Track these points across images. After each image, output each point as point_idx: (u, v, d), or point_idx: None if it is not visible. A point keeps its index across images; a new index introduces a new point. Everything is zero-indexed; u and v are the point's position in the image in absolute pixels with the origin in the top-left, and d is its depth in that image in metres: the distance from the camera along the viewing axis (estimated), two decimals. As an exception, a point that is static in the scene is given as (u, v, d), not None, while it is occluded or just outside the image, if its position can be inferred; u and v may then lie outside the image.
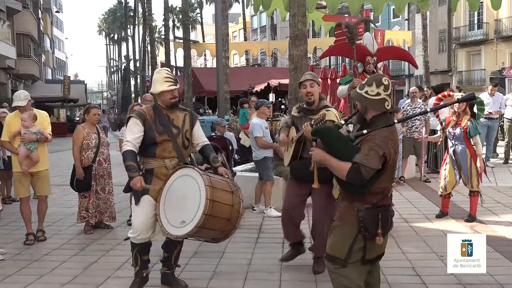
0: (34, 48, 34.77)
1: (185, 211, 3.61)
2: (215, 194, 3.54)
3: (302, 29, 8.15)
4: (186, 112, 4.06)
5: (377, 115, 3.03)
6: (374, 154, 2.89)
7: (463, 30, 32.31)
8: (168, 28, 30.50)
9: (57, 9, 58.72)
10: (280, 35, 43.79)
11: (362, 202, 3.00)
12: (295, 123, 4.47)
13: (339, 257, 3.04)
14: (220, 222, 3.62)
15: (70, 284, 4.30)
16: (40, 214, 5.84)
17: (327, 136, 3.12)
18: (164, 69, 4.13)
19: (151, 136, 3.82)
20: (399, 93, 27.10)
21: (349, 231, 3.03)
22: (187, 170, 3.76)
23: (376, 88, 3.00)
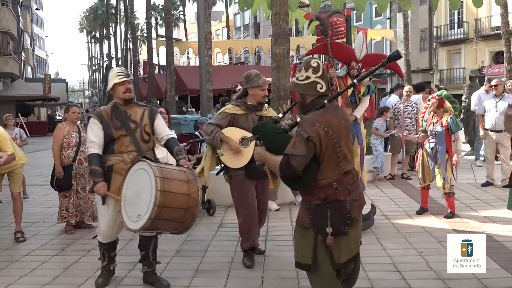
0: (14, 46, 34.23)
1: (140, 204, 3.61)
2: (167, 185, 3.51)
3: (284, 27, 8.16)
4: (145, 108, 4.14)
5: (313, 100, 2.88)
6: (300, 139, 2.72)
7: (444, 29, 32.74)
8: (151, 26, 30.31)
9: (37, 7, 57.88)
10: (263, 34, 43.81)
11: (310, 198, 2.85)
12: (236, 121, 4.47)
13: (306, 263, 2.89)
14: (177, 212, 3.58)
15: (50, 285, 4.25)
16: (17, 214, 5.74)
17: (262, 131, 3.01)
18: (116, 68, 4.28)
19: (109, 133, 3.92)
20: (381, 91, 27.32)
21: (307, 234, 2.87)
22: (141, 163, 3.75)
23: (304, 72, 2.89)
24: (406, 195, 7.59)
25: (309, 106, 2.90)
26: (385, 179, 8.88)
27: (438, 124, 5.96)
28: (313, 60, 2.92)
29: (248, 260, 4.59)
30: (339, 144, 2.82)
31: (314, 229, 2.83)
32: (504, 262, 4.39)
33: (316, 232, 2.84)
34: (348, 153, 2.93)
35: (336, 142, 2.80)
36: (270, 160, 2.87)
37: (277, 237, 5.50)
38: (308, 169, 2.75)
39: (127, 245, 5.15)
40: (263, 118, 4.51)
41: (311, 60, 2.92)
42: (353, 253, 2.96)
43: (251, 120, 4.46)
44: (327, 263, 2.86)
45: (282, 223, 6.09)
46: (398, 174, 9.13)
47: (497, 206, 6.51)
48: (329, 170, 2.80)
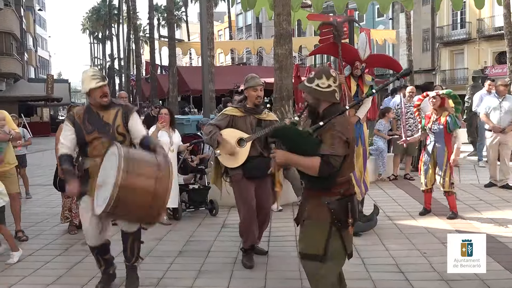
0: (17, 47, 34.33)
1: (107, 187, 3.48)
2: (132, 165, 3.38)
3: (287, 28, 8.16)
4: (119, 107, 4.01)
5: (329, 106, 3.08)
6: (339, 141, 2.92)
7: (446, 29, 32.71)
8: (153, 27, 30.37)
9: (40, 7, 58.06)
10: (265, 34, 43.82)
11: (330, 195, 3.02)
12: (235, 123, 4.58)
13: (317, 254, 3.01)
14: (142, 197, 3.39)
15: (54, 285, 4.26)
16: (16, 213, 5.80)
17: (287, 135, 3.09)
18: (90, 68, 4.20)
19: (81, 136, 3.89)
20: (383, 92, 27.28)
21: (322, 227, 3.03)
22: (112, 147, 3.67)
23: (326, 80, 3.07)
24: (409, 195, 7.58)
25: (326, 112, 3.08)
26: (388, 180, 8.88)
27: (437, 123, 5.97)
28: (331, 70, 3.15)
29: (247, 260, 4.61)
30: (353, 144, 3.10)
31: (333, 222, 3.01)
32: (507, 263, 4.38)
33: (332, 225, 3.01)
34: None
35: (354, 143, 3.15)
36: (301, 161, 2.97)
37: (280, 237, 5.50)
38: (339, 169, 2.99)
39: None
40: (261, 121, 4.59)
41: (330, 70, 3.15)
42: (352, 242, 3.24)
43: (249, 123, 4.57)
44: (341, 253, 3.07)
45: (285, 223, 6.09)
46: (400, 175, 9.12)
47: (500, 207, 6.50)
48: (348, 168, 3.07)
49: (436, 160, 6.04)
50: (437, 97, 5.98)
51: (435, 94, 6.04)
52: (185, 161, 6.97)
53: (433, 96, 6.02)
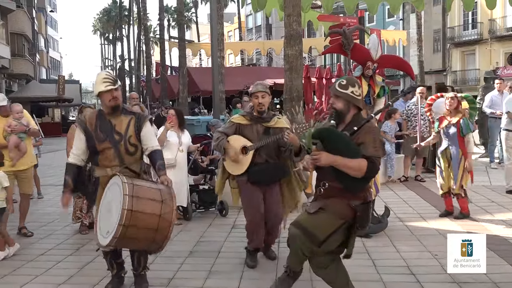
0: (28, 48, 34.65)
1: (110, 221, 3.55)
2: (136, 204, 3.42)
3: (297, 29, 8.15)
4: (132, 116, 3.91)
5: (357, 112, 3.37)
6: (380, 143, 3.18)
7: (458, 30, 32.47)
8: (163, 28, 30.49)
9: (51, 9, 58.55)
10: (275, 35, 43.82)
11: (357, 199, 3.18)
12: (241, 131, 4.58)
13: (318, 236, 3.23)
14: (145, 232, 3.51)
15: (65, 284, 4.29)
16: (23, 212, 5.91)
17: (331, 137, 3.24)
18: (104, 71, 4.15)
19: (92, 144, 3.82)
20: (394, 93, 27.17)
21: (334, 220, 3.22)
22: (115, 178, 3.67)
23: (358, 89, 3.37)
24: (420, 197, 7.53)
25: (355, 118, 3.33)
26: (399, 181, 8.83)
27: (451, 125, 5.91)
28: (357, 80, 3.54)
29: (251, 260, 4.63)
30: None
31: (354, 223, 3.20)
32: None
33: (344, 223, 3.20)
34: None
35: None
36: (348, 162, 3.12)
37: (290, 238, 5.48)
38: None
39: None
40: (269, 129, 4.53)
41: (356, 79, 3.54)
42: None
43: (255, 131, 4.54)
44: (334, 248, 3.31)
45: (295, 224, 6.07)
46: (411, 176, 9.07)
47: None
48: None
49: (450, 163, 5.98)
50: (455, 98, 5.92)
51: (453, 96, 5.98)
52: (196, 162, 6.99)
53: (451, 96, 5.96)
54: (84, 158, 3.90)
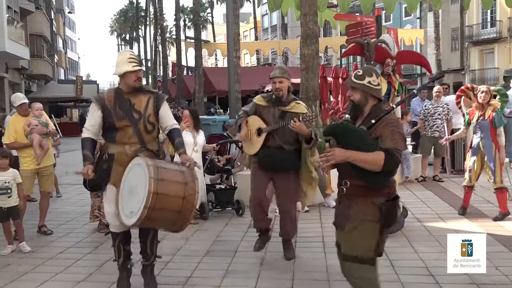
0: (47, 49, 35.13)
1: (134, 201, 3.58)
2: (161, 186, 3.46)
3: (313, 28, 8.14)
4: (150, 95, 3.93)
5: (376, 104, 3.12)
6: (400, 136, 2.97)
7: (476, 28, 32.02)
8: (179, 28, 30.64)
9: (69, 10, 59.26)
10: (291, 34, 43.74)
11: (379, 195, 2.99)
12: (260, 112, 4.65)
13: (370, 257, 2.97)
14: (169, 214, 3.55)
15: (84, 282, 4.35)
16: (43, 210, 6.01)
17: (345, 132, 3.04)
18: (127, 50, 4.16)
19: (110, 121, 3.81)
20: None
21: (372, 227, 2.97)
22: (139, 159, 3.70)
23: (376, 78, 3.12)
24: (438, 197, 7.45)
25: (374, 109, 3.10)
26: (416, 181, 8.75)
27: (483, 118, 5.85)
28: (374, 68, 3.29)
29: (257, 243, 4.77)
30: None
31: (380, 222, 2.98)
32: (542, 267, 4.26)
33: (379, 225, 3.00)
34: None
35: None
36: (364, 156, 2.90)
37: (307, 238, 5.48)
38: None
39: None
40: (286, 113, 4.48)
41: (375, 68, 3.27)
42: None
43: (271, 114, 4.56)
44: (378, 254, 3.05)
45: (312, 224, 6.07)
46: (429, 176, 8.97)
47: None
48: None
49: (483, 156, 5.92)
50: (488, 92, 5.86)
51: (486, 89, 5.92)
52: (212, 162, 7.02)
53: (484, 90, 5.90)
54: (98, 133, 3.90)
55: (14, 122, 5.98)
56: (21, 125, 5.86)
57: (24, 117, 5.97)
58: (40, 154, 5.77)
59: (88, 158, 3.80)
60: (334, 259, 4.64)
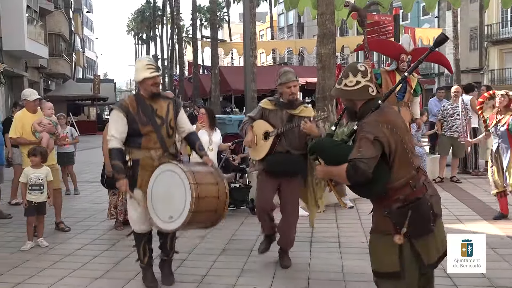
0: (66, 48, 35.53)
1: (172, 206, 3.67)
2: (200, 191, 3.58)
3: (330, 27, 8.09)
4: (170, 101, 4.07)
5: (364, 104, 2.82)
6: (366, 142, 2.63)
7: (495, 27, 31.54)
8: (196, 27, 30.74)
9: (87, 10, 59.91)
10: (307, 34, 43.60)
11: (390, 202, 2.72)
12: (266, 116, 4.53)
13: (395, 271, 2.75)
14: (207, 214, 3.70)
15: (102, 279, 4.39)
16: (57, 207, 6.07)
17: (319, 149, 2.91)
18: (145, 57, 4.25)
19: (135, 127, 3.85)
20: (429, 92, 26.64)
21: (390, 240, 2.73)
22: (171, 165, 3.76)
23: (353, 77, 2.81)
24: (456, 199, 7.37)
25: (362, 110, 2.83)
26: (434, 182, 8.65)
27: (501, 123, 5.76)
28: (359, 64, 2.86)
29: (262, 244, 4.73)
30: (404, 139, 2.75)
31: (397, 233, 2.71)
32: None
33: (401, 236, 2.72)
34: (413, 147, 2.84)
35: (402, 138, 2.74)
36: (335, 171, 2.76)
37: (322, 238, 5.47)
38: (379, 173, 2.67)
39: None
40: (294, 117, 4.43)
41: (358, 65, 2.86)
42: (440, 252, 2.87)
43: (279, 117, 4.47)
44: (413, 267, 2.76)
45: (327, 225, 6.05)
46: (447, 177, 8.87)
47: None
48: (402, 169, 2.73)
49: (502, 162, 5.84)
50: (506, 96, 5.77)
51: (505, 93, 5.83)
52: (227, 160, 7.03)
53: (502, 94, 5.82)
54: (123, 141, 3.89)
55: (21, 118, 6.03)
56: (28, 121, 5.93)
57: (33, 114, 6.03)
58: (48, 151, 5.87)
59: (122, 171, 3.79)
60: (350, 259, 4.66)
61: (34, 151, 5.39)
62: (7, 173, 7.70)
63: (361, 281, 4.02)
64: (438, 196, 2.94)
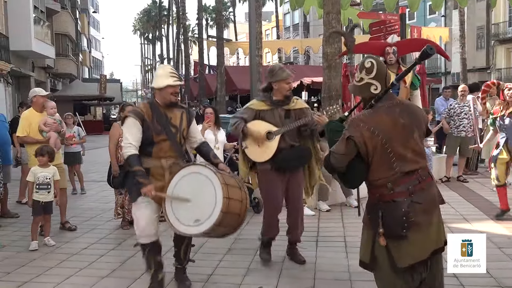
0: (72, 48, 35.69)
1: (198, 209, 3.57)
2: (230, 191, 3.55)
3: (336, 27, 8.08)
4: (183, 110, 4.00)
5: (368, 100, 2.87)
6: (342, 139, 2.78)
7: (503, 26, 31.34)
8: (202, 27, 30.80)
9: (94, 10, 60.14)
10: (313, 33, 43.52)
11: (370, 197, 2.88)
12: (262, 117, 4.46)
13: (364, 261, 2.92)
14: (233, 218, 3.63)
15: (108, 278, 4.41)
16: (62, 206, 6.09)
17: (326, 129, 3.12)
18: (167, 65, 4.17)
19: (148, 135, 3.74)
20: (435, 91, 26.52)
21: (369, 232, 2.90)
22: (197, 167, 3.72)
23: (359, 73, 2.87)
24: (463, 198, 7.33)
25: (368, 106, 2.90)
26: (440, 182, 8.61)
27: (507, 116, 5.74)
28: (367, 61, 2.85)
29: (266, 253, 4.66)
30: (389, 144, 2.71)
31: (373, 228, 2.83)
32: None
33: (374, 231, 2.82)
34: (409, 152, 2.77)
35: (385, 142, 2.71)
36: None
37: (328, 238, 5.46)
38: (353, 169, 2.80)
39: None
40: (290, 112, 4.46)
41: (365, 61, 2.86)
42: (417, 259, 2.78)
43: (277, 115, 4.44)
44: (386, 265, 2.81)
45: (333, 224, 6.04)
46: (453, 177, 8.83)
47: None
48: (381, 170, 2.74)
49: (510, 155, 5.81)
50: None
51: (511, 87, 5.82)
52: (231, 159, 7.03)
53: (510, 87, 5.79)
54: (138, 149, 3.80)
55: (28, 117, 6.06)
56: (35, 120, 5.96)
57: (40, 113, 6.07)
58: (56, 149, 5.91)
59: (145, 175, 3.66)
60: (356, 258, 4.60)
61: (41, 151, 5.42)
62: (14, 172, 7.74)
63: (367, 280, 4.00)
64: (430, 206, 2.86)
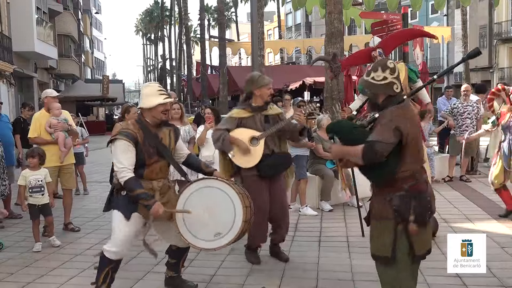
0: (74, 49, 35.77)
1: (217, 223, 3.59)
2: (245, 200, 3.63)
3: (338, 26, 8.10)
4: (170, 128, 3.85)
5: (386, 98, 3.01)
6: (387, 128, 2.85)
7: (505, 25, 31.25)
8: (204, 27, 30.85)
9: (96, 10, 60.26)
10: (315, 33, 43.52)
11: (393, 190, 2.93)
12: (244, 124, 4.54)
13: (385, 255, 2.98)
14: (248, 224, 3.71)
15: (111, 278, 4.40)
16: (67, 207, 6.10)
17: (340, 129, 3.16)
18: (153, 82, 3.95)
19: (140, 158, 3.58)
20: (438, 91, 26.50)
21: (388, 226, 2.96)
22: (206, 182, 3.72)
23: (382, 72, 3.00)
24: (466, 198, 7.32)
25: (383, 104, 3.02)
26: (443, 181, 8.61)
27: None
28: (389, 61, 3.06)
29: (255, 258, 4.70)
30: (418, 137, 2.99)
31: (396, 219, 2.93)
32: None
33: (397, 223, 2.94)
34: (422, 145, 3.10)
35: (417, 135, 2.98)
36: (350, 150, 2.98)
37: (331, 238, 5.45)
38: (390, 159, 2.88)
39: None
40: (268, 117, 4.58)
41: (387, 61, 3.06)
42: (428, 246, 3.07)
43: (258, 121, 4.56)
44: (406, 255, 2.95)
45: (336, 224, 6.04)
46: (456, 176, 8.82)
47: None
48: (411, 162, 2.94)
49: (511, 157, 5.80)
50: None
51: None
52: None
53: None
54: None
55: (39, 118, 6.10)
56: (45, 121, 5.99)
57: (49, 114, 6.10)
58: (64, 152, 5.91)
59: (150, 196, 3.54)
60: (359, 258, 4.64)
61: (32, 153, 5.37)
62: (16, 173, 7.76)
63: (370, 280, 4.01)
64: (433, 196, 3.15)
